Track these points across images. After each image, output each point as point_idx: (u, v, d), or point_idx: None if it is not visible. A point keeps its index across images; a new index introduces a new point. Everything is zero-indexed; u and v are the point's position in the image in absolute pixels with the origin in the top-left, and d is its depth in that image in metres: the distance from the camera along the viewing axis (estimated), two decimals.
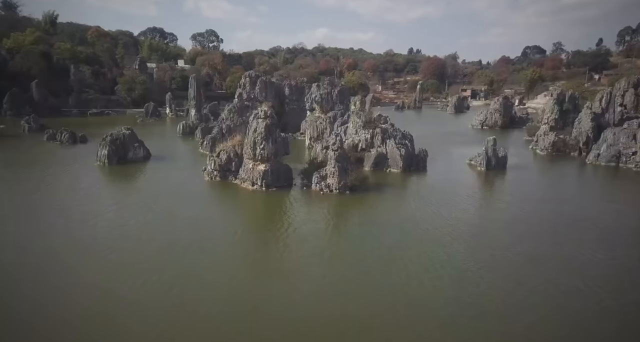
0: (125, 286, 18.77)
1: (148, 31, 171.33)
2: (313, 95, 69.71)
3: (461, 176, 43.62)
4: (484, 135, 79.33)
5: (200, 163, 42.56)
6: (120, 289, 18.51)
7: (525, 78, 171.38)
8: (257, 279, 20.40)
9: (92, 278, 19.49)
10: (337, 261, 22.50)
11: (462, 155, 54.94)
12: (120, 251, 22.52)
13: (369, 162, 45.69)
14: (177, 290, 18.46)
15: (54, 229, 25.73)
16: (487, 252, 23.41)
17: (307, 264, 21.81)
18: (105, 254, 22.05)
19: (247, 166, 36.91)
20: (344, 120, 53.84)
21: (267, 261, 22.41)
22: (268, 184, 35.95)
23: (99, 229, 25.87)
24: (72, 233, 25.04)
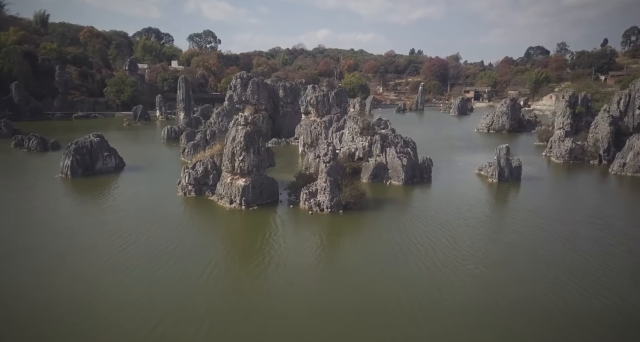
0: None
1: (143, 32, 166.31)
2: (308, 97, 64.47)
3: (471, 189, 38.29)
4: (491, 139, 74.15)
5: (178, 174, 37.34)
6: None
7: (530, 79, 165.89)
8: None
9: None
10: (329, 318, 17.20)
11: (469, 163, 49.64)
12: (59, 296, 17.32)
13: (367, 174, 40.42)
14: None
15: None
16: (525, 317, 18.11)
17: (290, 325, 16.51)
18: (37, 302, 16.85)
19: (225, 181, 31.66)
20: (339, 125, 48.53)
21: (235, 319, 17.12)
22: (248, 201, 30.69)
23: (38, 264, 20.66)
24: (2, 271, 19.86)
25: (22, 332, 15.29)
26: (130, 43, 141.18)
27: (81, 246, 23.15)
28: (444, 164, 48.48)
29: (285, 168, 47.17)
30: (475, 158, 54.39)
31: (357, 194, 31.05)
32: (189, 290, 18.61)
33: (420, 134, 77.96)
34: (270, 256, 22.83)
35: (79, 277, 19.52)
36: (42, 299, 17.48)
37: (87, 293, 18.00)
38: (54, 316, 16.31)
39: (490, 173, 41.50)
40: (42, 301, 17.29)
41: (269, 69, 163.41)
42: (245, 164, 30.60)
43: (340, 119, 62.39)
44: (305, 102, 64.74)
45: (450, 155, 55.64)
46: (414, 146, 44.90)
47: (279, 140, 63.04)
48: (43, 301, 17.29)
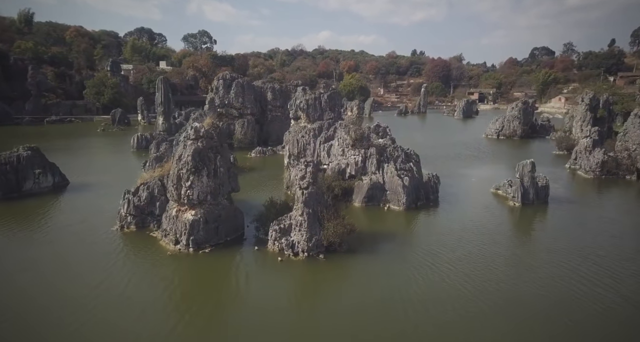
0: None
1: (135, 32, 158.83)
2: (297, 101, 56.68)
3: (489, 217, 30.34)
4: (502, 147, 66.19)
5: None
6: None
7: (537, 80, 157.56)
8: None
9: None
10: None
11: (483, 179, 41.77)
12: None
13: (360, 196, 32.56)
14: None
15: None
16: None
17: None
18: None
19: (170, 213, 23.84)
20: (328, 134, 40.65)
21: None
22: (199, 241, 22.85)
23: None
24: None
25: None
26: (120, 43, 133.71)
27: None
28: (452, 180, 40.56)
29: (266, 184, 39.42)
30: (489, 171, 46.45)
31: (343, 232, 23.16)
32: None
33: (423, 141, 70.04)
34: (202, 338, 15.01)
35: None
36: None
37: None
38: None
39: (511, 194, 33.53)
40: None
41: (266, 70, 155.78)
42: (194, 192, 22.77)
43: (331, 126, 54.69)
44: (295, 106, 56.93)
45: (458, 168, 47.69)
46: (417, 160, 37.04)
47: (264, 149, 55.19)
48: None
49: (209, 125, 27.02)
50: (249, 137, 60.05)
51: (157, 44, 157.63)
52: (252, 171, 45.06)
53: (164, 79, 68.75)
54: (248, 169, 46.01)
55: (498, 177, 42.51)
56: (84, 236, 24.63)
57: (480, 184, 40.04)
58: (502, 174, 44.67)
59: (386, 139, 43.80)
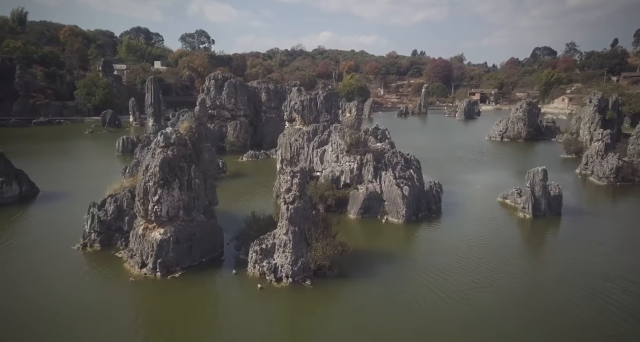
0: None
1: (132, 31, 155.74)
2: (292, 102, 53.66)
3: (498, 231, 27.32)
4: (507, 150, 63.06)
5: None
6: None
7: (539, 80, 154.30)
8: None
9: None
10: None
11: (489, 185, 38.78)
12: None
13: (356, 207, 29.55)
14: None
15: None
16: None
17: None
18: None
19: (137, 230, 20.84)
20: (322, 138, 37.64)
21: None
22: (168, 265, 19.87)
23: None
24: None
25: None
26: (116, 43, 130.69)
27: None
28: (456, 188, 37.53)
29: (255, 192, 36.45)
30: (494, 177, 43.43)
31: (334, 253, 20.17)
32: None
33: (424, 144, 67.00)
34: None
35: None
36: None
37: None
38: None
39: (521, 205, 30.47)
40: None
41: (264, 71, 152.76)
42: (162, 208, 19.78)
43: (326, 129, 51.79)
44: (289, 107, 53.89)
45: (462, 174, 44.65)
46: (418, 166, 34.08)
47: (257, 152, 52.16)
48: None
49: (186, 130, 24.10)
50: (241, 139, 57.05)
51: (154, 44, 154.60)
52: (242, 177, 42.09)
53: (154, 79, 65.77)
54: (238, 174, 43.03)
55: (504, 184, 39.52)
56: (41, 256, 21.65)
57: (486, 191, 37.01)
58: (508, 181, 41.68)
59: (385, 143, 40.85)
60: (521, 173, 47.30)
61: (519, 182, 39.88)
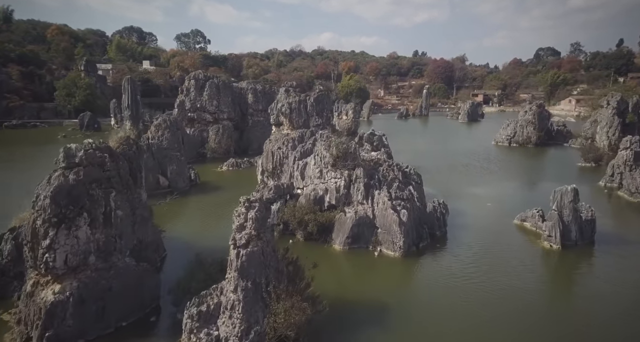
0: None
1: (124, 31, 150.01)
2: (279, 104, 47.86)
3: (520, 268, 21.42)
4: (516, 157, 57.02)
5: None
6: None
7: (544, 81, 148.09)
8: None
9: None
10: None
11: (501, 202, 32.94)
12: None
13: (342, 234, 23.67)
14: None
15: None
16: None
17: None
18: None
19: (26, 286, 14.97)
20: (306, 148, 31.74)
21: None
22: (64, 338, 13.98)
23: None
24: None
25: None
26: (106, 43, 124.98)
27: None
28: (463, 205, 31.67)
29: (225, 213, 30.47)
30: (506, 191, 37.52)
31: (302, 319, 14.29)
32: None
33: (425, 149, 61.04)
34: None
35: None
36: None
37: None
38: None
39: (545, 232, 24.52)
40: None
41: (261, 71, 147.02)
42: (56, 256, 13.93)
43: (312, 135, 46.01)
44: (276, 110, 48.09)
45: (469, 186, 38.73)
46: (419, 181, 28.27)
47: (239, 160, 46.26)
48: None
49: (117, 143, 18.37)
50: (224, 145, 51.21)
51: (147, 43, 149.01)
52: (216, 191, 36.25)
53: (130, 78, 60.05)
54: (212, 187, 37.23)
55: (519, 199, 33.67)
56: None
57: (499, 210, 31.08)
58: (523, 195, 35.79)
59: (380, 152, 35.01)
60: (536, 185, 41.64)
61: (535, 198, 34.04)
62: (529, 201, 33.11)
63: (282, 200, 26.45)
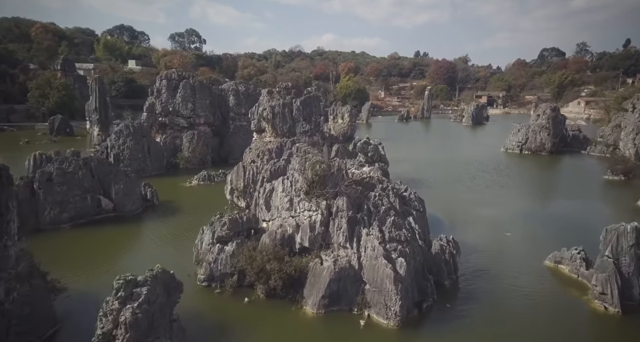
0: None
1: (115, 29, 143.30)
2: (260, 108, 41.19)
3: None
4: (530, 167, 49.86)
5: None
6: None
7: (551, 82, 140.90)
8: None
9: None
10: None
11: (523, 230, 26.16)
12: None
13: (317, 293, 16.92)
14: None
15: None
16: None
17: None
18: None
19: None
20: (278, 166, 24.87)
21: None
22: None
23: None
24: None
25: None
26: (93, 42, 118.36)
27: None
28: (476, 235, 25.00)
29: (176, 247, 23.85)
30: (526, 211, 30.71)
31: None
32: None
33: (427, 157, 54.18)
34: None
35: None
36: None
37: None
38: None
39: (597, 286, 17.73)
40: None
41: (257, 72, 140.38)
42: None
43: (308, 142, 39.43)
44: (257, 114, 41.52)
45: (479, 205, 32.00)
46: (422, 209, 21.66)
47: (213, 173, 39.50)
48: None
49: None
50: (199, 154, 44.55)
51: (141, 43, 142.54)
52: (175, 214, 29.46)
53: (98, 78, 53.46)
54: (171, 208, 30.50)
55: (544, 226, 26.93)
56: None
57: (523, 244, 24.36)
58: (548, 220, 28.99)
59: (373, 168, 28.37)
60: (560, 204, 34.26)
61: (564, 224, 27.38)
62: (558, 229, 26.46)
63: (242, 237, 19.75)
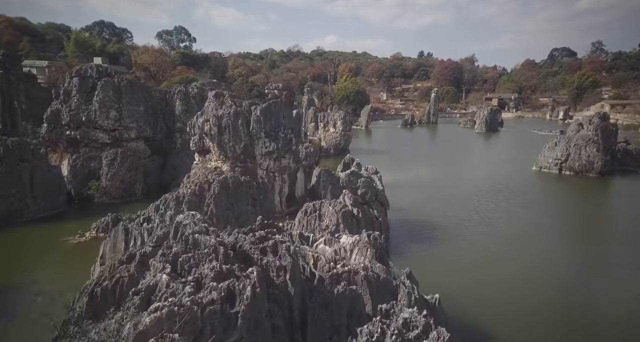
0: None
1: (94, 26, 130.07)
2: (200, 119, 27.62)
3: None
4: (581, 197, 34.41)
5: None
6: None
7: (570, 84, 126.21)
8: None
9: None
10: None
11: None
12: None
13: None
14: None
15: None
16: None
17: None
18: None
19: None
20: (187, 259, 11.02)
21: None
22: None
23: None
24: None
25: None
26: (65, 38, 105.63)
27: None
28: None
29: None
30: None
31: None
32: None
33: (434, 179, 39.99)
34: None
35: None
36: None
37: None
38: None
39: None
40: None
41: (249, 72, 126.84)
42: None
43: (274, 168, 26.21)
44: (197, 128, 28.01)
45: (538, 292, 18.18)
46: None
47: (126, 218, 25.74)
48: None
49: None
50: (121, 182, 30.99)
51: (122, 40, 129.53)
52: None
53: (1, 75, 40.12)
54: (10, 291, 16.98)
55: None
56: None
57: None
58: None
59: (361, 239, 14.68)
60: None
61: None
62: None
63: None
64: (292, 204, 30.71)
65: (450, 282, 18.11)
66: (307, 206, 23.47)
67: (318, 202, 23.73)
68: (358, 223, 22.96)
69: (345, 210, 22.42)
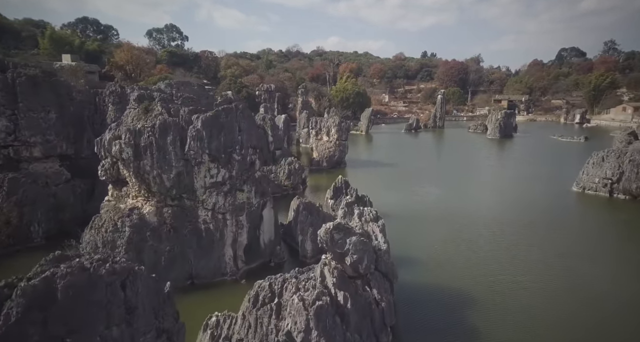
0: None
1: (77, 23, 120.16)
2: (108, 135, 17.92)
3: None
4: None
5: None
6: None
7: (586, 85, 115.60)
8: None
9: None
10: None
11: None
12: None
13: None
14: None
15: None
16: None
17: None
18: None
19: None
20: None
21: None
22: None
23: None
24: None
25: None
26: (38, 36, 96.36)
27: None
28: None
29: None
30: None
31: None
32: None
33: (445, 208, 29.62)
34: None
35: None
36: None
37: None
38: None
39: None
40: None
41: (242, 72, 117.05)
42: None
43: (227, 207, 16.05)
44: (104, 150, 17.95)
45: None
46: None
47: None
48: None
49: None
50: (2, 225, 21.09)
51: (107, 38, 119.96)
52: None
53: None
54: None
55: None
56: None
57: None
58: None
59: None
60: None
61: None
62: None
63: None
64: (255, 257, 20.84)
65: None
66: (260, 288, 13.62)
67: (279, 280, 13.87)
68: (344, 320, 13.08)
69: (321, 303, 12.50)
